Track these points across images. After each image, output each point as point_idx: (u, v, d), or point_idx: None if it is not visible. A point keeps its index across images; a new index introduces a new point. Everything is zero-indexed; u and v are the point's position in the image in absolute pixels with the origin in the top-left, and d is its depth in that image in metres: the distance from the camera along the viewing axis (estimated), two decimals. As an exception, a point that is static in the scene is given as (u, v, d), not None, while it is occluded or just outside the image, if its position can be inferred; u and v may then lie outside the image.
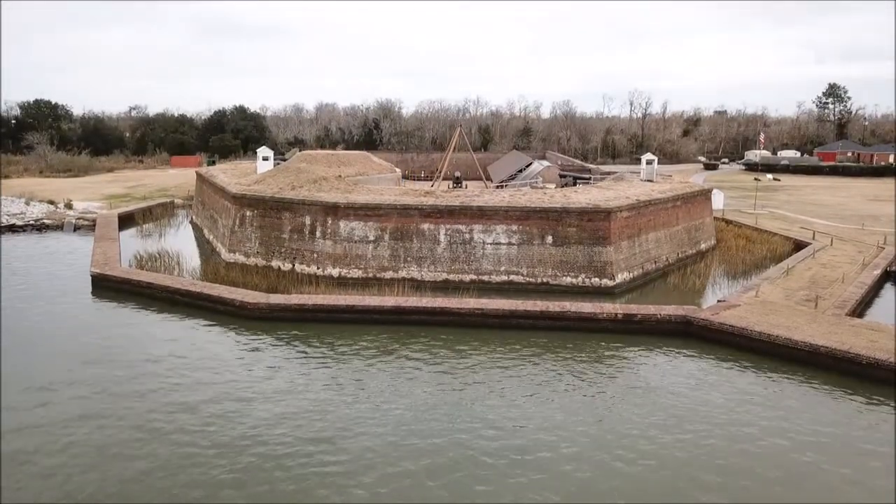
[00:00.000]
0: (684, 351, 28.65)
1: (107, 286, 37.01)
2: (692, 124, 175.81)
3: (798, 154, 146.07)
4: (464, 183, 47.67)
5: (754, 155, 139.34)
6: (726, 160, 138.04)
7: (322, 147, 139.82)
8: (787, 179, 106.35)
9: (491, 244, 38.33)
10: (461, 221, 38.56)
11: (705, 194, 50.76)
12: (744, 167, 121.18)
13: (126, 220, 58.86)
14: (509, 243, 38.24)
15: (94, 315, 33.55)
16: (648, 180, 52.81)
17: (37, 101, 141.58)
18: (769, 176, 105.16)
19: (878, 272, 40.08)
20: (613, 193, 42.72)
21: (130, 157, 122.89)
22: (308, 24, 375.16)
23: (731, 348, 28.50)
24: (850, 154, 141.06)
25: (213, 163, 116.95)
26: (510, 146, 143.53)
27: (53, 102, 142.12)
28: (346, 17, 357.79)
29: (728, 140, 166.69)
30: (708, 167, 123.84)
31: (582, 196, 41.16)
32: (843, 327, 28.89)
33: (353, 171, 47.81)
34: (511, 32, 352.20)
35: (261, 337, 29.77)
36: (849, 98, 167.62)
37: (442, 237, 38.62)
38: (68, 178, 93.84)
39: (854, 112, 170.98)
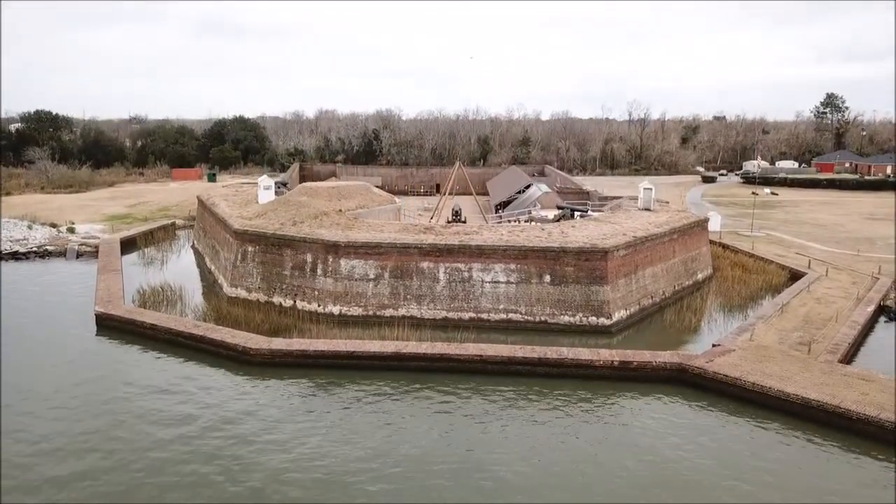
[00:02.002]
0: (679, 400, 29.16)
1: (111, 325, 37.51)
2: (691, 131, 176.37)
3: (796, 164, 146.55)
4: (463, 215, 48.09)
5: (752, 166, 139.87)
6: (724, 172, 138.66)
7: (322, 158, 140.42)
8: (784, 193, 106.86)
9: (490, 283, 38.85)
10: (460, 260, 39.08)
11: (701, 224, 51.27)
12: (742, 180, 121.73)
13: (128, 245, 59.42)
14: (508, 282, 38.76)
15: (99, 359, 33.80)
16: (646, 208, 53.37)
17: (37, 112, 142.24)
18: (767, 190, 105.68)
19: (871, 308, 40.58)
20: (610, 229, 43.24)
21: (131, 169, 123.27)
22: (308, 25, 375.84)
23: (725, 398, 29.03)
24: (847, 165, 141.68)
25: (214, 176, 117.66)
26: (509, 156, 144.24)
27: (54, 113, 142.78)
28: (345, 17, 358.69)
29: (727, 149, 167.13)
30: (706, 180, 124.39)
31: (579, 233, 41.68)
32: (835, 377, 29.41)
33: (353, 203, 48.30)
34: (511, 33, 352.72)
35: (263, 383, 30.30)
36: (846, 108, 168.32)
37: (441, 275, 39.14)
38: (70, 194, 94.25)
39: (853, 119, 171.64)
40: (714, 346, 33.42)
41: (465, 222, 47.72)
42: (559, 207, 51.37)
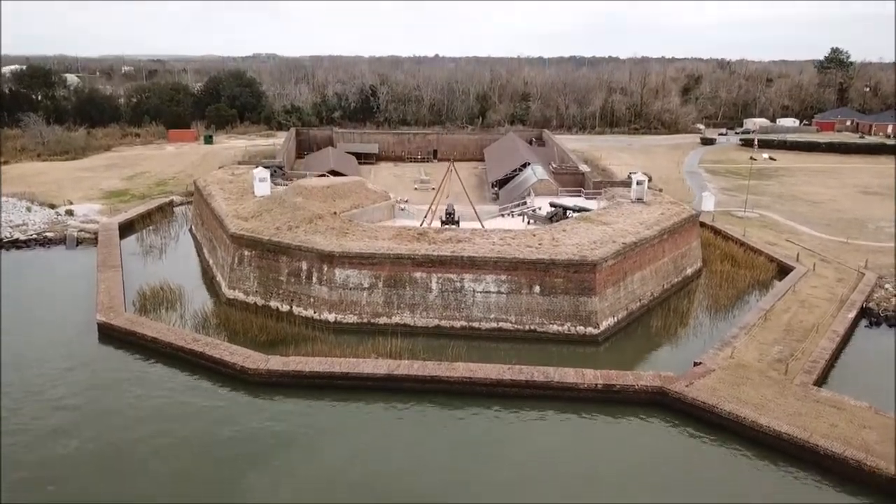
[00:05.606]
0: (660, 426, 30.60)
1: (112, 335, 38.62)
2: (693, 81, 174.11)
3: (797, 122, 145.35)
4: (457, 215, 48.58)
5: (752, 124, 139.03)
6: (724, 131, 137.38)
7: (319, 115, 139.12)
8: (782, 158, 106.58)
9: (481, 292, 39.81)
10: (452, 270, 39.92)
11: (692, 219, 51.81)
12: (741, 142, 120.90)
13: (126, 228, 60.19)
14: (498, 292, 39.71)
15: (100, 374, 35.00)
16: (639, 199, 53.81)
17: (30, 68, 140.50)
18: (765, 155, 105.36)
19: (852, 315, 41.64)
20: (601, 232, 43.85)
21: (126, 129, 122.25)
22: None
23: (703, 424, 30.43)
24: (848, 123, 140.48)
25: (211, 138, 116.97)
26: (509, 112, 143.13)
27: (46, 68, 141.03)
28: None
29: (728, 103, 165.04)
30: (705, 142, 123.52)
31: (569, 240, 42.32)
32: (808, 403, 30.71)
33: (348, 203, 48.71)
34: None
35: (259, 403, 31.75)
36: (850, 64, 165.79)
37: (434, 285, 40.06)
38: (66, 162, 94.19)
39: (857, 72, 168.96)
40: (695, 364, 34.63)
41: (458, 222, 48.28)
42: (552, 205, 51.90)
